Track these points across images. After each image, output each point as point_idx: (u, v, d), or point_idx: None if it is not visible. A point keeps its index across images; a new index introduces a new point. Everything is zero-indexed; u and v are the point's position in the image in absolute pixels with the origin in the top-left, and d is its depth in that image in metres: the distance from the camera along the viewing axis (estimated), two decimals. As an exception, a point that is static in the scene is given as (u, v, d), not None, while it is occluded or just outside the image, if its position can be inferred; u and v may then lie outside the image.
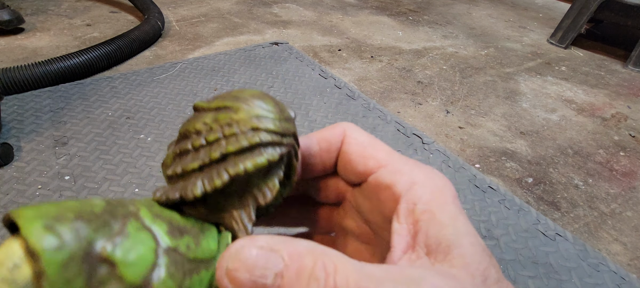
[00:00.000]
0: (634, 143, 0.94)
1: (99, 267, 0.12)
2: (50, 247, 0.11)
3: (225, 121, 0.15)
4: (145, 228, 0.13)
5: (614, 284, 0.58)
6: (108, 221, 0.13)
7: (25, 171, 0.67)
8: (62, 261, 0.11)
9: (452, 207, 0.15)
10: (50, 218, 0.12)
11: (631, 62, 1.33)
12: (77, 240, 0.12)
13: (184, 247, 0.14)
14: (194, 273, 0.14)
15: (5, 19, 1.11)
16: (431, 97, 1.05)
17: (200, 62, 1.06)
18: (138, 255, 0.13)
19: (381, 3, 1.77)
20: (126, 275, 0.12)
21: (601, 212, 0.72)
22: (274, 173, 0.16)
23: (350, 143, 0.18)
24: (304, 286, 0.12)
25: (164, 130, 0.80)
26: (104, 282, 0.12)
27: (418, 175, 0.16)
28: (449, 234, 0.14)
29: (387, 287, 0.12)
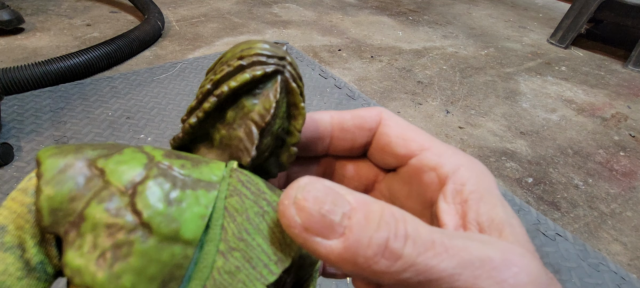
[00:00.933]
0: (634, 143, 0.94)
1: (89, 174, 0.13)
2: (49, 155, 0.13)
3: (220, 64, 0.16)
4: (142, 152, 0.14)
5: (614, 284, 0.58)
6: (110, 148, 0.14)
7: (25, 171, 0.67)
8: (57, 166, 0.13)
9: (496, 190, 0.15)
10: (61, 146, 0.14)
11: (631, 62, 1.33)
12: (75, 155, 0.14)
13: (177, 165, 0.14)
14: (187, 188, 0.14)
15: (5, 19, 1.11)
16: (431, 97, 1.05)
17: (200, 62, 1.06)
18: (127, 166, 0.14)
19: (381, 3, 1.77)
20: (112, 179, 0.13)
21: (601, 212, 0.73)
22: (266, 92, 0.16)
23: (390, 125, 0.18)
24: (374, 229, 0.12)
25: (164, 130, 0.80)
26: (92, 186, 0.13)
27: (462, 159, 0.16)
28: (500, 213, 0.14)
29: (459, 242, 0.12)
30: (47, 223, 0.13)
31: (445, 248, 0.12)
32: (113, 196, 0.13)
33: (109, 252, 0.12)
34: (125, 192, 0.13)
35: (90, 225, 0.12)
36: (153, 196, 0.13)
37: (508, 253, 0.12)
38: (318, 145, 0.19)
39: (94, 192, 0.13)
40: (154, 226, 0.13)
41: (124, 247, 0.12)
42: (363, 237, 0.12)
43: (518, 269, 0.12)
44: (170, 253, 0.13)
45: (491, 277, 0.12)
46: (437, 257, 0.12)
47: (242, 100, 0.16)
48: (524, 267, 0.12)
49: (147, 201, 0.13)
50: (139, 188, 0.13)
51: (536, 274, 0.12)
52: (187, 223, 0.13)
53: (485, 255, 0.12)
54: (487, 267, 0.12)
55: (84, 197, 0.13)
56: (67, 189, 0.13)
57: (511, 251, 0.12)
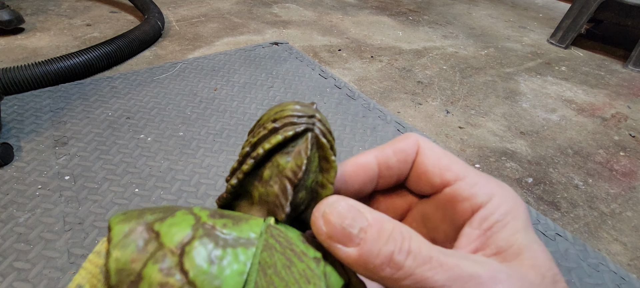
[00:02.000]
0: (634, 143, 0.94)
1: (147, 237, 0.15)
2: (117, 221, 0.15)
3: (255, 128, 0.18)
4: (192, 214, 0.16)
5: (614, 284, 0.58)
6: (165, 211, 0.16)
7: (25, 171, 0.67)
8: (123, 231, 0.15)
9: (525, 218, 0.17)
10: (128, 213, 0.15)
11: (631, 62, 1.33)
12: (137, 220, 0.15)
13: (219, 224, 0.16)
14: (228, 246, 0.15)
15: (5, 19, 1.11)
16: (431, 97, 1.05)
17: (200, 62, 1.06)
18: (178, 227, 0.15)
19: (381, 3, 1.77)
20: (165, 241, 0.15)
21: (601, 212, 0.72)
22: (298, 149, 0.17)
23: (427, 154, 0.19)
24: (383, 243, 0.14)
25: (164, 130, 0.80)
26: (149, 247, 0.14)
27: (495, 189, 0.17)
28: (521, 239, 0.16)
29: (453, 260, 0.14)
30: (113, 282, 0.14)
31: (440, 264, 0.14)
32: (165, 257, 0.14)
33: None
34: (175, 252, 0.14)
35: (147, 284, 0.14)
36: (198, 256, 0.14)
37: (496, 272, 0.14)
38: (368, 188, 0.21)
39: (150, 254, 0.14)
40: (198, 284, 0.14)
41: None
42: (374, 248, 0.14)
43: (501, 287, 0.14)
44: None
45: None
46: (432, 271, 0.14)
47: (276, 159, 0.17)
48: (508, 285, 0.14)
49: (193, 261, 0.14)
50: (187, 248, 0.14)
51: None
52: (227, 281, 0.14)
53: (475, 272, 0.14)
54: (475, 282, 0.14)
55: (142, 258, 0.14)
56: (130, 252, 0.14)
57: (500, 271, 0.14)
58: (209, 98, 0.92)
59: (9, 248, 0.54)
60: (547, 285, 0.14)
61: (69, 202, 0.62)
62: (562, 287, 0.15)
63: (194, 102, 0.89)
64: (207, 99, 0.91)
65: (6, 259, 0.53)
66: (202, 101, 0.90)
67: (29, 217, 0.59)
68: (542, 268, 0.15)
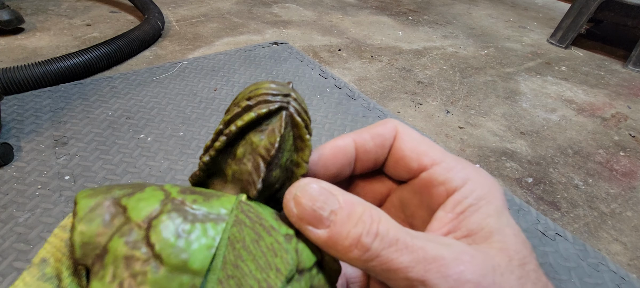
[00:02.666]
0: (634, 143, 0.94)
1: (114, 211, 0.15)
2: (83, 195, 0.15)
3: (231, 106, 0.18)
4: (162, 190, 0.16)
5: (614, 284, 0.58)
6: (134, 187, 0.16)
7: (25, 171, 0.67)
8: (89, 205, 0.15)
9: (499, 203, 0.17)
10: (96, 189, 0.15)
11: (631, 62, 1.33)
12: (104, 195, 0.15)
13: (189, 200, 0.16)
14: (196, 221, 0.15)
15: (5, 19, 1.11)
16: (431, 97, 1.05)
17: (200, 62, 1.06)
18: (146, 202, 0.15)
19: (381, 3, 1.77)
20: (132, 215, 0.15)
21: (601, 212, 0.72)
22: (271, 127, 0.17)
23: (404, 139, 0.19)
24: (352, 225, 0.15)
25: (164, 130, 0.80)
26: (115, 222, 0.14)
27: (471, 173, 0.17)
28: (492, 222, 0.16)
29: (419, 242, 0.15)
30: (78, 256, 0.14)
31: (405, 246, 0.14)
32: (132, 230, 0.14)
33: (126, 282, 0.13)
34: (142, 226, 0.14)
35: (112, 257, 0.14)
36: (165, 230, 0.14)
37: (460, 254, 0.14)
38: (345, 171, 0.20)
39: (116, 227, 0.14)
40: (164, 257, 0.14)
41: (139, 277, 0.13)
42: (343, 231, 0.15)
43: (464, 268, 0.14)
44: (179, 283, 0.14)
45: (439, 271, 0.14)
46: (397, 253, 0.14)
47: (250, 137, 0.17)
48: (471, 265, 0.14)
49: (159, 234, 0.14)
50: (154, 222, 0.14)
51: (480, 274, 0.14)
52: (195, 254, 0.14)
53: (438, 254, 0.14)
54: (438, 263, 0.14)
55: (108, 232, 0.14)
56: (95, 225, 0.14)
57: (464, 252, 0.15)
58: (209, 98, 0.92)
59: (9, 248, 0.54)
60: (514, 268, 0.15)
61: (69, 202, 0.62)
62: (530, 268, 0.15)
63: (194, 102, 0.89)
64: (207, 99, 0.91)
65: (6, 259, 0.53)
66: (202, 101, 0.90)
67: (29, 217, 0.59)
68: (510, 251, 0.15)
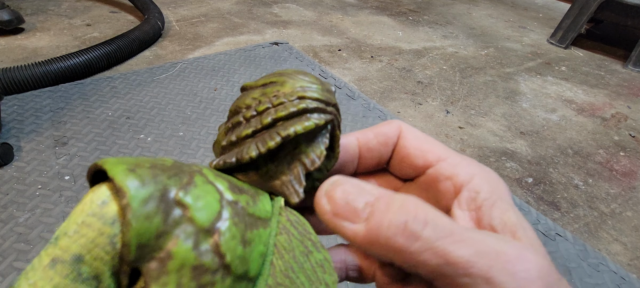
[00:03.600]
0: (634, 143, 0.94)
1: (174, 209, 0.13)
2: (133, 185, 0.13)
3: (273, 93, 0.17)
4: (209, 182, 0.15)
5: (614, 284, 0.58)
6: (178, 173, 0.14)
7: (25, 171, 0.67)
8: (144, 198, 0.13)
9: (509, 197, 0.16)
10: (132, 164, 0.13)
11: (631, 62, 1.33)
12: (154, 182, 0.13)
13: (244, 202, 0.15)
14: (254, 227, 0.15)
15: (5, 19, 1.11)
16: (431, 97, 1.05)
17: (200, 62, 1.06)
18: (206, 202, 0.14)
19: (381, 3, 1.77)
20: (196, 218, 0.13)
21: (601, 212, 0.72)
22: (320, 139, 0.17)
23: (409, 138, 0.19)
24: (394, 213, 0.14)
25: (164, 130, 0.80)
26: (178, 222, 0.13)
27: (476, 169, 0.17)
28: (513, 217, 0.15)
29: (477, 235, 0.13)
30: (132, 257, 0.12)
31: (463, 238, 0.13)
32: (199, 236, 0.13)
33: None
34: (210, 232, 0.13)
35: (178, 264, 0.13)
36: (234, 239, 0.14)
37: (522, 250, 0.13)
38: (348, 169, 0.20)
39: (182, 230, 0.13)
40: (233, 268, 0.13)
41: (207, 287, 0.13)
42: (383, 220, 0.14)
43: (530, 265, 0.13)
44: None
45: (505, 268, 0.12)
46: (455, 244, 0.13)
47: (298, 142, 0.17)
48: (536, 263, 0.13)
49: (229, 244, 0.14)
50: (222, 230, 0.14)
51: (546, 272, 0.13)
52: (253, 262, 0.14)
53: (501, 249, 0.13)
54: (502, 259, 0.13)
55: (172, 235, 0.13)
56: (156, 225, 0.13)
57: (525, 249, 0.13)
58: (209, 98, 0.92)
59: (9, 248, 0.54)
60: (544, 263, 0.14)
61: (69, 202, 0.62)
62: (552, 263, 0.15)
63: (194, 102, 0.89)
64: (207, 99, 0.91)
65: (6, 259, 0.53)
66: (202, 101, 0.90)
67: (29, 217, 0.59)
68: (537, 246, 0.15)
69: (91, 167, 0.14)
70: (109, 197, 0.13)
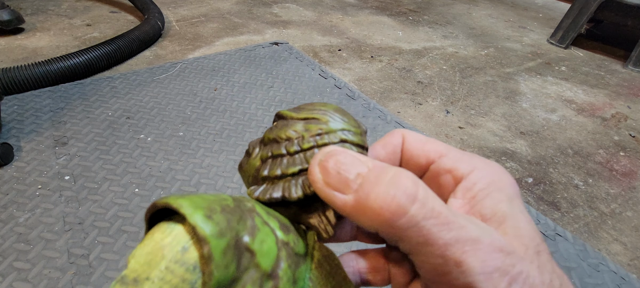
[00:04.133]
0: (634, 143, 0.94)
1: (244, 255, 0.14)
2: (214, 234, 0.13)
3: (316, 131, 0.18)
4: (265, 223, 0.15)
5: (614, 284, 0.58)
6: (242, 216, 0.15)
7: (25, 171, 0.67)
8: (224, 248, 0.13)
9: (509, 191, 0.17)
10: (207, 209, 0.14)
11: (631, 62, 1.33)
12: (229, 230, 0.14)
13: (292, 242, 0.16)
14: (298, 266, 0.16)
15: (5, 19, 1.11)
16: (431, 97, 1.05)
17: (200, 62, 1.06)
18: (268, 247, 0.15)
19: (381, 3, 1.77)
20: (261, 263, 0.14)
21: (601, 212, 0.72)
22: None
23: (411, 141, 0.20)
24: (383, 186, 0.14)
25: (164, 130, 0.80)
26: (246, 269, 0.14)
27: (478, 163, 0.18)
28: (505, 208, 0.16)
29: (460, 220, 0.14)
30: None
31: (447, 221, 0.14)
32: (263, 281, 0.14)
33: None
34: (271, 277, 0.14)
35: None
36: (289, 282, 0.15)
37: (495, 240, 0.14)
38: None
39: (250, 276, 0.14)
40: None
41: None
42: (371, 192, 0.14)
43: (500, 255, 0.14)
44: None
45: (476, 255, 0.13)
46: (439, 227, 0.13)
47: None
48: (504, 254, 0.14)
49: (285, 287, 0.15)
50: (280, 273, 0.15)
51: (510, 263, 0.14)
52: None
53: (478, 237, 0.14)
54: (476, 246, 0.13)
55: (241, 281, 0.14)
56: (231, 273, 0.13)
57: (498, 239, 0.14)
58: (209, 98, 0.92)
59: (9, 248, 0.54)
60: (533, 257, 0.14)
61: (69, 202, 0.62)
62: (545, 258, 0.15)
63: (194, 102, 0.89)
64: (207, 99, 0.91)
65: (6, 259, 0.53)
66: (202, 101, 0.90)
67: (29, 217, 0.59)
68: (525, 238, 0.15)
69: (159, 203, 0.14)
70: (189, 243, 0.13)
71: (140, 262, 0.13)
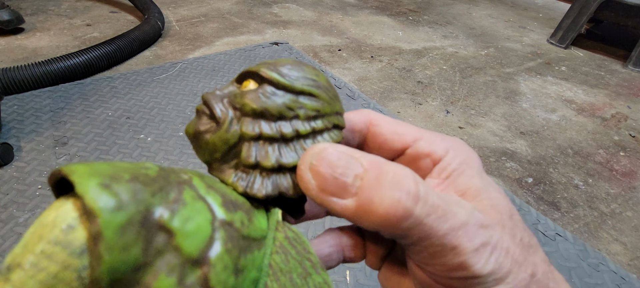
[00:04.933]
0: (634, 143, 0.94)
1: (157, 235, 0.11)
2: (108, 207, 0.10)
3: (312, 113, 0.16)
4: (200, 198, 0.13)
5: (614, 284, 0.58)
6: (164, 186, 0.12)
7: (25, 171, 0.67)
8: (121, 224, 0.10)
9: (479, 166, 0.18)
10: (107, 177, 0.11)
11: (631, 62, 1.33)
12: (135, 203, 0.11)
13: (238, 223, 0.13)
14: (248, 251, 0.13)
15: (5, 19, 1.11)
16: (431, 97, 1.05)
17: (200, 62, 1.06)
18: (196, 225, 0.12)
19: (381, 3, 1.77)
20: (184, 246, 0.11)
21: (601, 212, 0.72)
22: None
23: (382, 124, 0.20)
24: (387, 188, 0.13)
25: (164, 130, 0.80)
26: (160, 252, 0.11)
27: (450, 143, 0.19)
28: (477, 182, 0.17)
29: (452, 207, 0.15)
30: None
31: (444, 213, 0.14)
32: (185, 268, 0.11)
33: None
34: (198, 263, 0.11)
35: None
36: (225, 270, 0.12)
37: (477, 219, 0.15)
38: None
39: (165, 262, 0.11)
40: None
41: None
42: (375, 196, 0.13)
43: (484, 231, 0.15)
44: None
45: (467, 236, 0.14)
46: (438, 219, 0.14)
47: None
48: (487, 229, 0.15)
49: (220, 277, 0.12)
50: (213, 259, 0.12)
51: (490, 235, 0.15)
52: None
53: (466, 220, 0.14)
54: (465, 229, 0.14)
55: (153, 267, 0.11)
56: (134, 257, 0.10)
57: (479, 218, 0.15)
58: (209, 98, 0.92)
59: (9, 248, 0.54)
60: (505, 221, 0.15)
61: (69, 202, 0.62)
62: (517, 218, 0.16)
63: (194, 102, 0.89)
64: (207, 99, 0.91)
65: (6, 259, 0.53)
66: (202, 101, 0.90)
67: (29, 217, 0.59)
68: (499, 207, 0.16)
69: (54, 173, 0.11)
70: (76, 220, 0.10)
71: (20, 244, 0.11)
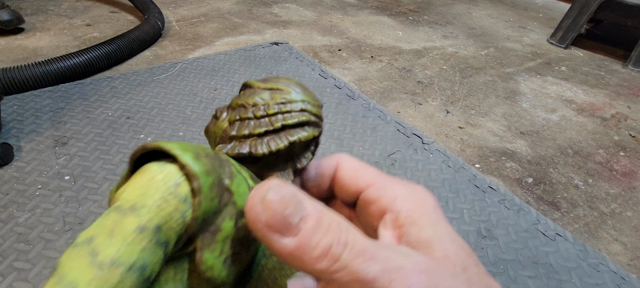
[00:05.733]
0: (634, 143, 0.94)
1: (224, 193, 0.17)
2: (202, 172, 0.16)
3: (280, 100, 0.20)
4: (239, 172, 0.18)
5: (614, 284, 0.58)
6: (221, 163, 0.17)
7: (25, 171, 0.67)
8: (211, 183, 0.16)
9: (432, 214, 0.18)
10: (195, 152, 0.16)
11: (631, 62, 1.33)
12: (214, 170, 0.17)
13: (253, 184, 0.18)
14: None
15: (5, 19, 1.11)
16: (431, 97, 1.05)
17: (200, 62, 1.06)
18: (243, 190, 0.18)
19: (381, 3, 1.77)
20: (238, 202, 0.17)
21: (601, 212, 0.72)
22: (310, 147, 0.22)
23: (344, 168, 0.21)
24: (322, 234, 0.14)
25: (164, 130, 0.80)
26: (226, 204, 0.17)
27: (400, 190, 0.19)
28: (429, 233, 0.17)
29: (384, 252, 0.15)
30: (195, 229, 0.16)
31: (372, 256, 0.14)
32: (238, 215, 0.17)
33: (230, 258, 0.17)
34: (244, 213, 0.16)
35: (224, 235, 0.17)
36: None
37: (418, 264, 0.15)
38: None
39: (228, 211, 0.17)
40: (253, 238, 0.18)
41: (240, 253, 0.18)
42: (312, 240, 0.14)
43: (424, 277, 0.15)
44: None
45: (402, 281, 0.14)
46: (365, 263, 0.14)
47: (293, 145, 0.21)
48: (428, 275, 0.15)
49: None
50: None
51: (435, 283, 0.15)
52: None
53: (401, 264, 0.15)
54: (401, 273, 0.14)
55: (222, 213, 0.17)
56: (215, 205, 0.16)
57: (421, 263, 0.15)
58: (209, 98, 0.92)
59: (9, 248, 0.54)
60: (459, 273, 0.15)
61: (69, 202, 0.62)
62: (472, 272, 0.16)
63: (194, 102, 0.89)
64: (207, 99, 0.91)
65: (6, 259, 0.53)
66: (202, 101, 0.90)
67: (29, 217, 0.59)
68: (452, 258, 0.16)
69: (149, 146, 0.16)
70: (181, 179, 0.16)
71: (135, 193, 0.15)
